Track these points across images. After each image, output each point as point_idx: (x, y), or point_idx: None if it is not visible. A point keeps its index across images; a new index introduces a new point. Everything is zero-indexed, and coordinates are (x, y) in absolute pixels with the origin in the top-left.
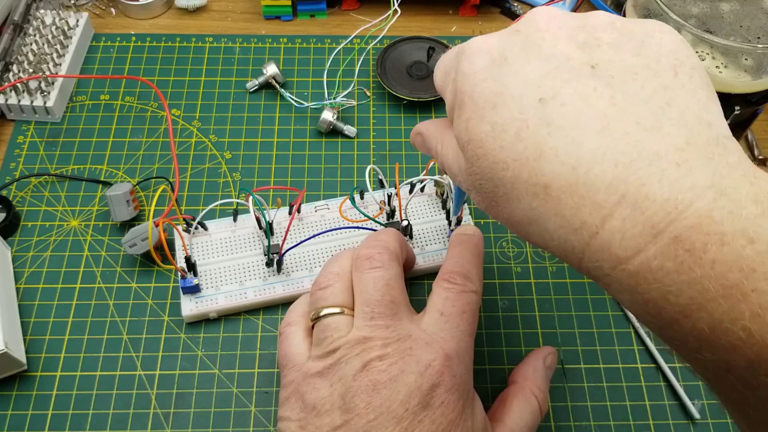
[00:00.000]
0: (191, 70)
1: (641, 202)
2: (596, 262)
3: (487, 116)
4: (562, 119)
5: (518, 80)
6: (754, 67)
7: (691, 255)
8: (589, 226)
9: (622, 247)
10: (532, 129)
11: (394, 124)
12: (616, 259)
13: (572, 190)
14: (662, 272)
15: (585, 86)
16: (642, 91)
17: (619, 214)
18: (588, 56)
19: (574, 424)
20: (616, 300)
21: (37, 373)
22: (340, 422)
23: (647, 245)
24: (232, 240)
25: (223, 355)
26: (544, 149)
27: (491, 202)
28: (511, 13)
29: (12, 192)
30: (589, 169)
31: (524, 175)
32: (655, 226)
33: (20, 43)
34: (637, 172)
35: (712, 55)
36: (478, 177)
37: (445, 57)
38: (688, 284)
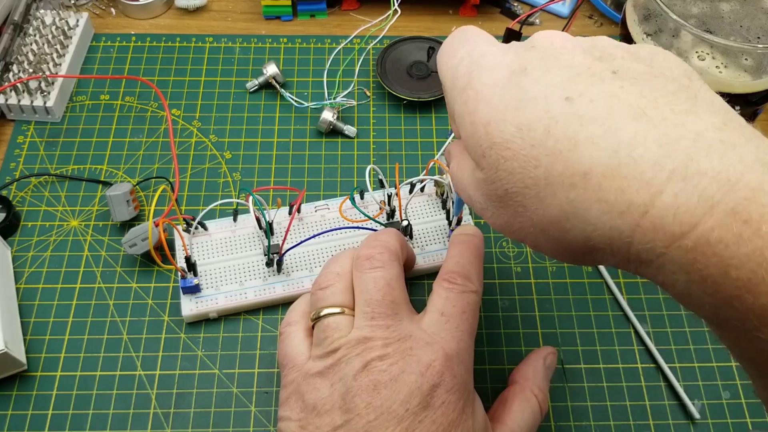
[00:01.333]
0: (191, 70)
1: (692, 176)
2: (648, 243)
3: (510, 119)
4: (594, 112)
5: (540, 85)
6: (754, 67)
7: (749, 226)
8: (637, 206)
9: (678, 222)
10: (563, 124)
11: (394, 124)
12: (671, 235)
13: (615, 172)
14: (722, 245)
15: (611, 85)
16: (667, 87)
17: (670, 190)
18: (608, 65)
19: (574, 424)
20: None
21: (37, 373)
22: (341, 422)
23: (704, 218)
24: (232, 240)
25: (223, 355)
26: (579, 139)
27: (518, 208)
28: (511, 13)
29: (12, 192)
30: (632, 150)
31: (559, 168)
32: (710, 199)
33: (20, 43)
34: (683, 149)
35: (712, 55)
36: (503, 182)
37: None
38: (748, 256)
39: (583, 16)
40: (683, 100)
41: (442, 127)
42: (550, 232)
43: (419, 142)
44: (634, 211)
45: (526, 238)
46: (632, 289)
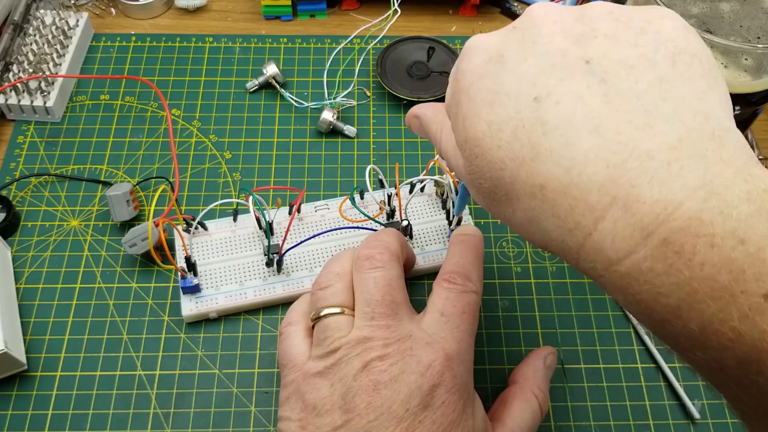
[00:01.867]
0: (191, 70)
1: (632, 204)
2: (590, 263)
3: (483, 114)
4: (556, 119)
5: (514, 78)
6: (754, 67)
7: (680, 257)
8: (582, 228)
9: (614, 249)
10: (528, 128)
11: (394, 124)
12: (608, 260)
13: (566, 191)
14: (652, 274)
15: (579, 84)
16: (636, 86)
17: (610, 216)
18: (583, 51)
19: (574, 424)
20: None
21: (37, 373)
22: (341, 422)
23: (637, 247)
24: (232, 240)
25: (223, 355)
26: (540, 150)
27: (492, 201)
28: (511, 13)
29: (12, 192)
30: (582, 171)
31: (522, 176)
32: (645, 228)
33: (20, 43)
34: (628, 173)
35: None
36: (477, 176)
37: None
38: (677, 286)
39: None
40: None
41: None
42: (518, 229)
43: (419, 142)
44: (580, 232)
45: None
46: None
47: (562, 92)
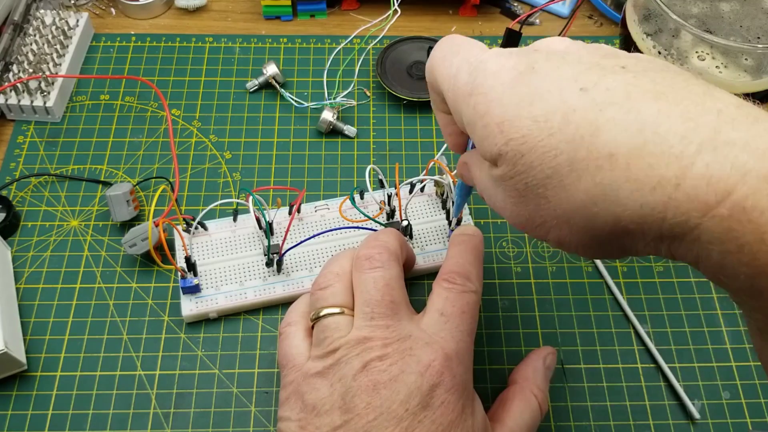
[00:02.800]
0: (191, 70)
1: (722, 147)
2: (682, 215)
3: (524, 113)
4: (612, 98)
5: (552, 79)
6: (754, 67)
7: None
8: (668, 180)
9: (711, 192)
10: (581, 111)
11: (394, 124)
12: (706, 205)
13: (642, 150)
14: (757, 212)
15: (624, 76)
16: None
17: (701, 161)
18: (615, 61)
19: (574, 424)
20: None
21: (37, 373)
22: (340, 422)
23: (737, 185)
24: (232, 240)
25: (223, 355)
26: (600, 123)
27: (540, 200)
28: (511, 13)
29: (12, 192)
30: (657, 127)
31: (582, 153)
32: (742, 167)
33: (20, 43)
34: (709, 123)
35: (712, 55)
36: (523, 176)
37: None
38: None
39: (583, 16)
40: (697, 85)
41: None
42: (575, 221)
43: (419, 142)
44: (666, 185)
45: (549, 232)
46: (632, 289)
47: (610, 81)
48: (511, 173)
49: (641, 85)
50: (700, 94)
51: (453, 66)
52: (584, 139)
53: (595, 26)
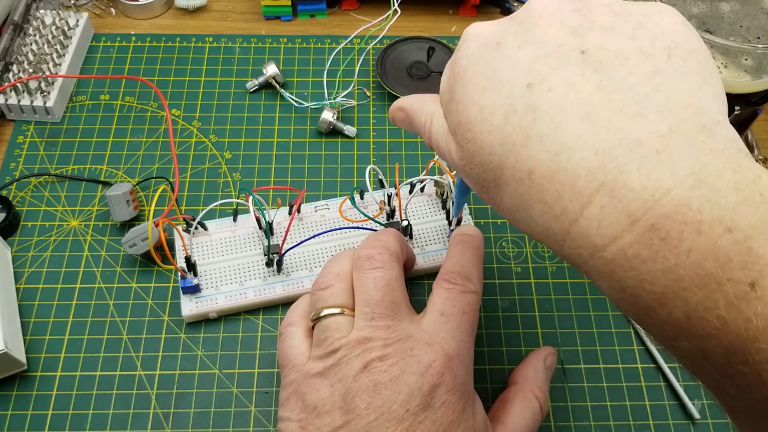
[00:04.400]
0: (191, 70)
1: (619, 190)
2: (576, 249)
3: (476, 99)
4: (548, 105)
5: (508, 65)
6: (754, 67)
7: (666, 243)
8: (569, 213)
9: (599, 235)
10: (519, 114)
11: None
12: (594, 246)
13: (554, 176)
14: (638, 260)
15: (572, 72)
16: (630, 77)
17: (597, 202)
18: (579, 41)
19: (574, 424)
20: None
21: (37, 373)
22: (341, 423)
23: (623, 233)
24: (232, 240)
25: (223, 355)
26: (530, 135)
27: (482, 187)
28: (511, 12)
29: (12, 192)
30: (570, 156)
31: (511, 161)
32: (631, 214)
33: (20, 43)
34: (617, 159)
35: (712, 55)
36: (468, 162)
37: None
38: (663, 273)
39: None
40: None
41: None
42: (507, 217)
43: (419, 142)
44: (566, 218)
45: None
46: None
47: (555, 80)
48: (461, 154)
49: (582, 91)
50: (630, 114)
51: None
52: (515, 147)
53: None
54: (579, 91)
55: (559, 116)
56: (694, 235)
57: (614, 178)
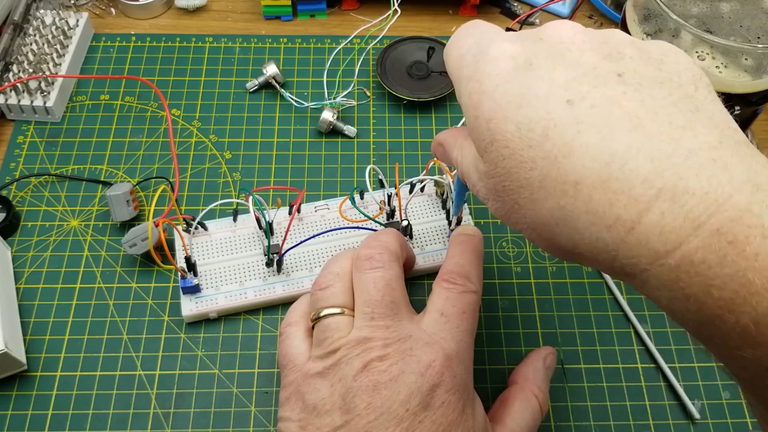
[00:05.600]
0: (191, 70)
1: (680, 196)
2: (632, 258)
3: (510, 116)
4: (593, 119)
5: (544, 83)
6: (754, 67)
7: (734, 247)
8: (624, 222)
9: (662, 241)
10: (561, 127)
11: (394, 124)
12: (656, 253)
13: (605, 185)
14: (705, 265)
15: (614, 90)
16: (670, 97)
17: (657, 208)
18: (614, 66)
19: (574, 424)
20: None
21: (37, 373)
22: (341, 422)
23: (688, 238)
24: (232, 240)
25: (223, 355)
26: (575, 146)
27: (513, 205)
28: (511, 13)
29: (12, 192)
30: (624, 164)
31: (553, 173)
32: (696, 219)
33: (20, 43)
34: (674, 167)
35: (712, 55)
36: (502, 179)
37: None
38: (731, 277)
39: (583, 16)
40: (683, 113)
41: (442, 127)
42: (541, 232)
43: (419, 142)
44: (621, 227)
45: (522, 231)
46: (632, 289)
47: (597, 96)
48: (493, 172)
49: (626, 106)
50: (679, 127)
51: (464, 46)
52: (558, 159)
53: (595, 26)
54: (623, 107)
55: (605, 128)
56: (761, 239)
57: (674, 184)
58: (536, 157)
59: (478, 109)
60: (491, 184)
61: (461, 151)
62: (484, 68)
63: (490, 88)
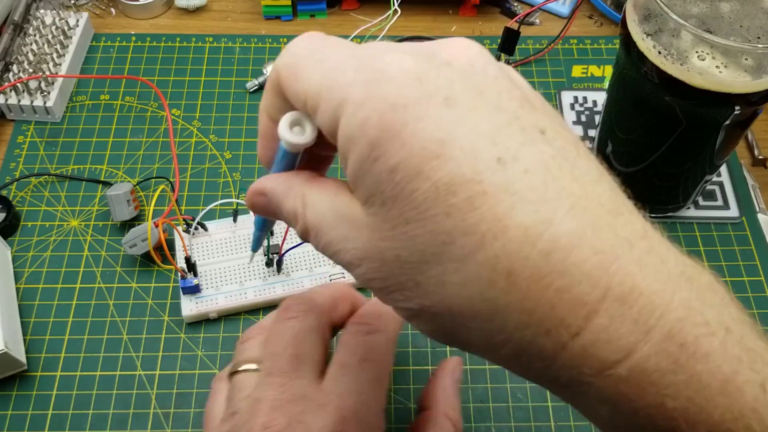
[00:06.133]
0: (191, 70)
1: (628, 295)
2: (573, 369)
3: (426, 169)
4: (529, 190)
5: (467, 129)
6: (754, 67)
7: (685, 350)
8: (568, 326)
9: (611, 349)
10: (493, 197)
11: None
12: (603, 363)
13: (547, 281)
14: (658, 373)
15: (542, 153)
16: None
17: (605, 310)
18: (533, 118)
19: (574, 424)
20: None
21: (37, 373)
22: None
23: (639, 344)
24: (232, 240)
25: (223, 355)
26: (509, 225)
27: (407, 282)
28: (511, 12)
29: (12, 192)
30: (567, 256)
31: (479, 257)
32: (646, 322)
33: (20, 43)
34: (618, 261)
35: (712, 55)
36: (397, 247)
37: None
38: (686, 384)
39: (583, 16)
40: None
41: None
42: (441, 322)
43: None
44: (564, 331)
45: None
46: None
47: (530, 159)
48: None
49: (559, 178)
50: (611, 211)
51: (331, 59)
52: (486, 240)
53: (595, 26)
54: (557, 178)
55: (544, 206)
56: (709, 338)
57: (621, 281)
58: (455, 231)
59: (376, 148)
60: (376, 249)
61: (303, 201)
62: (384, 92)
63: (397, 123)
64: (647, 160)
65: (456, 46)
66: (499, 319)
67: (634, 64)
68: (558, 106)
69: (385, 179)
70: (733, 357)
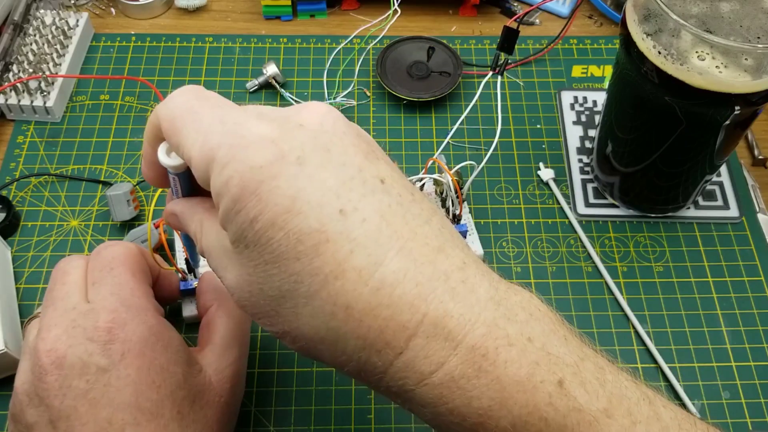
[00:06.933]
0: (191, 70)
1: (441, 320)
2: (400, 380)
3: (279, 221)
4: (365, 237)
5: (315, 186)
6: (754, 67)
7: (486, 359)
8: (393, 347)
9: (427, 363)
10: (334, 244)
11: (394, 124)
12: (420, 375)
13: (376, 312)
14: (464, 379)
15: (380, 201)
16: (422, 213)
17: (422, 332)
18: (375, 169)
19: None
20: (416, 413)
21: None
22: None
23: (449, 357)
24: None
25: None
26: (347, 268)
27: (270, 311)
28: (511, 12)
29: (12, 192)
30: (392, 291)
31: (323, 294)
32: (454, 339)
33: (20, 43)
34: (435, 291)
35: (712, 55)
36: (260, 283)
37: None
38: (487, 386)
39: (583, 16)
40: (434, 233)
41: (442, 127)
42: (302, 345)
43: (419, 142)
44: (390, 351)
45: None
46: (632, 289)
47: (368, 209)
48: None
49: (393, 223)
50: (435, 249)
51: (203, 121)
52: (328, 280)
53: (595, 26)
54: (391, 223)
55: (377, 249)
56: (507, 347)
57: (435, 308)
58: (304, 273)
59: (238, 203)
60: (245, 282)
61: (200, 227)
62: (244, 156)
63: (255, 182)
64: (647, 160)
65: (308, 109)
66: (341, 343)
67: (634, 64)
68: (558, 106)
69: (247, 228)
70: (530, 362)
